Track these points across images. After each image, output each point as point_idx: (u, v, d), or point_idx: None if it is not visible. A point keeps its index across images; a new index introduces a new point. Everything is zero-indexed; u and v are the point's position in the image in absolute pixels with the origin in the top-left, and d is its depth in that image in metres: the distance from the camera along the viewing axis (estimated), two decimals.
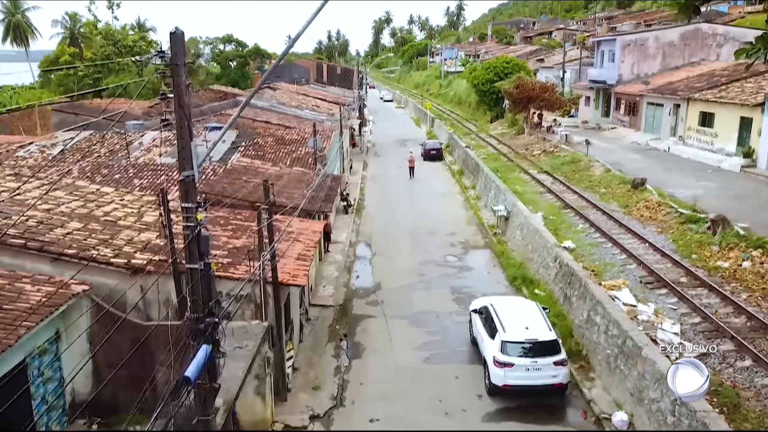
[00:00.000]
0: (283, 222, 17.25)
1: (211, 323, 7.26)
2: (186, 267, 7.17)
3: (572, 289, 16.88)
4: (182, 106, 6.08)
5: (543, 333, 13.47)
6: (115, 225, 14.78)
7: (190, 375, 6.36)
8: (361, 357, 15.89)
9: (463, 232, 26.97)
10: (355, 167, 42.25)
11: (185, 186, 6.79)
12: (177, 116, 6.14)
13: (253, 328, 11.75)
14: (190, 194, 6.82)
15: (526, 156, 38.50)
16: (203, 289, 7.19)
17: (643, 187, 26.11)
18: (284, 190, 20.14)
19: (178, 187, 6.94)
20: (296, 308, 15.93)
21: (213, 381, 7.53)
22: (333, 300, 19.20)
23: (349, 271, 22.24)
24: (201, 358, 6.69)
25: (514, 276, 20.65)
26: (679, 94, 36.60)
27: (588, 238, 21.45)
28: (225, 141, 30.41)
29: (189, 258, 6.96)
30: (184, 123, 6.28)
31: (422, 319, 17.95)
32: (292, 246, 15.29)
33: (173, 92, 6.11)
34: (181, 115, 6.16)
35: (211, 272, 7.31)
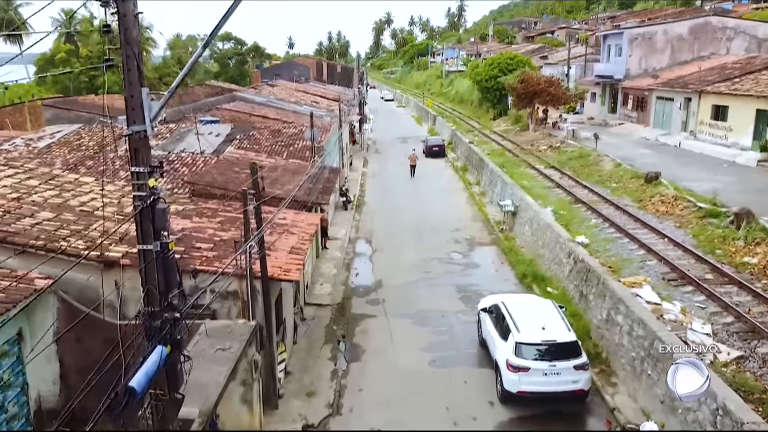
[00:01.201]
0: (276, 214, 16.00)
1: (171, 319, 5.95)
2: (138, 248, 5.87)
3: (589, 287, 15.60)
4: (129, 42, 4.84)
5: (561, 333, 12.17)
6: (91, 215, 13.52)
7: (136, 385, 5.07)
8: (360, 360, 14.60)
9: (468, 228, 25.69)
10: (355, 164, 41.01)
11: (134, 144, 5.50)
12: (123, 55, 4.88)
13: (239, 327, 10.48)
14: (141, 155, 5.55)
15: (532, 152, 37.22)
16: (160, 277, 5.89)
17: (657, 181, 24.84)
18: (278, 181, 18.89)
19: (127, 146, 5.63)
20: (290, 307, 14.65)
21: (174, 390, 6.21)
22: (330, 299, 17.92)
23: (348, 268, 20.96)
24: (152, 364, 5.39)
25: (524, 273, 19.37)
26: (691, 88, 35.34)
27: (602, 233, 20.18)
28: (219, 135, 29.26)
29: (141, 237, 5.68)
30: (133, 64, 5.02)
31: (426, 319, 16.68)
32: (285, 239, 14.02)
33: (119, 24, 4.84)
34: (129, 54, 4.91)
35: (171, 255, 6.00)
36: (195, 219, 14.55)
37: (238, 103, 40.24)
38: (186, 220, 14.38)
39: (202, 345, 10.02)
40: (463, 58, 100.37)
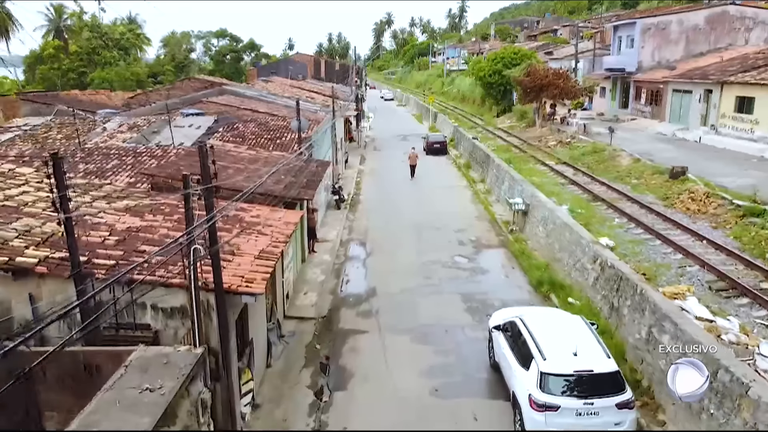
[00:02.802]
0: (248, 211, 13.47)
1: None
2: None
3: (622, 298, 13.03)
4: None
5: (599, 361, 9.61)
6: (15, 211, 11.02)
7: None
8: (347, 388, 12.02)
9: (473, 228, 23.12)
10: (352, 161, 38.50)
11: None
12: None
13: (179, 357, 7.93)
14: None
15: (540, 148, 34.68)
16: None
17: (684, 177, 22.33)
18: (257, 173, 16.38)
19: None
20: (260, 323, 12.09)
21: None
22: (315, 310, 15.37)
23: (338, 274, 18.37)
24: None
25: (539, 280, 16.81)
26: (712, 78, 32.77)
27: (628, 234, 17.64)
28: (200, 127, 26.81)
29: None
30: None
31: (427, 335, 14.09)
32: (255, 240, 11.49)
33: None
34: None
35: None
36: (147, 217, 12.02)
37: (227, 97, 37.87)
38: (136, 217, 11.86)
39: (127, 382, 7.48)
40: (465, 57, 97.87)
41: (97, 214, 11.72)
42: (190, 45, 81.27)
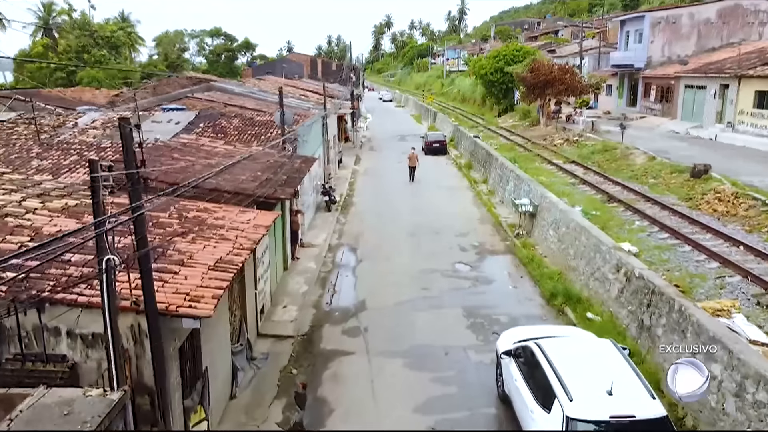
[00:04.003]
0: (212, 212, 11.44)
1: None
2: None
3: (655, 316, 10.97)
4: None
5: (642, 403, 7.54)
6: None
7: None
8: (325, 424, 9.95)
9: (476, 232, 21.06)
10: (346, 161, 36.47)
11: None
12: None
13: (86, 405, 5.87)
14: None
15: (546, 146, 32.68)
16: None
17: (707, 176, 20.32)
18: (231, 170, 14.36)
19: None
20: (220, 347, 10.01)
21: None
22: (294, 327, 13.29)
23: (324, 284, 16.28)
24: None
25: (552, 291, 14.74)
26: (728, 72, 30.80)
27: (652, 238, 15.60)
28: (179, 122, 24.83)
29: None
30: None
31: (424, 358, 12.01)
32: (213, 246, 9.44)
33: None
34: None
35: None
36: (86, 218, 9.97)
37: (214, 93, 35.86)
38: (71, 219, 9.83)
39: None
40: (465, 58, 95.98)
41: (24, 215, 9.71)
42: (183, 44, 79.27)
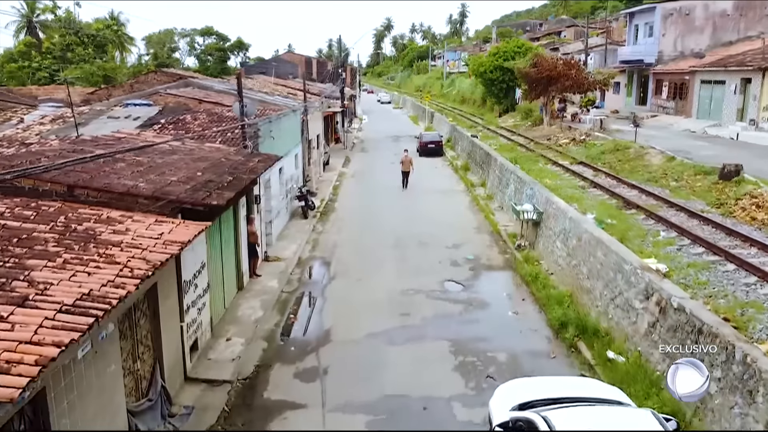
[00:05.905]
0: (113, 223, 8.61)
1: None
2: None
3: (704, 364, 8.09)
4: None
5: None
6: None
7: None
8: None
9: (471, 243, 18.20)
10: (333, 163, 33.71)
11: None
12: None
13: None
14: None
15: (551, 146, 29.82)
16: None
17: (738, 178, 17.48)
18: (166, 169, 11.59)
19: None
20: (101, 408, 7.14)
21: None
22: (234, 368, 10.42)
23: (284, 309, 13.40)
24: None
25: (562, 320, 11.87)
26: (751, 65, 28.00)
27: (683, 253, 12.72)
28: (138, 118, 22.14)
29: None
30: None
31: (396, 414, 9.13)
32: (87, 274, 6.61)
33: None
34: None
35: None
36: None
37: (191, 89, 33.22)
38: None
39: None
40: (465, 59, 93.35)
41: None
42: (173, 43, 76.69)
